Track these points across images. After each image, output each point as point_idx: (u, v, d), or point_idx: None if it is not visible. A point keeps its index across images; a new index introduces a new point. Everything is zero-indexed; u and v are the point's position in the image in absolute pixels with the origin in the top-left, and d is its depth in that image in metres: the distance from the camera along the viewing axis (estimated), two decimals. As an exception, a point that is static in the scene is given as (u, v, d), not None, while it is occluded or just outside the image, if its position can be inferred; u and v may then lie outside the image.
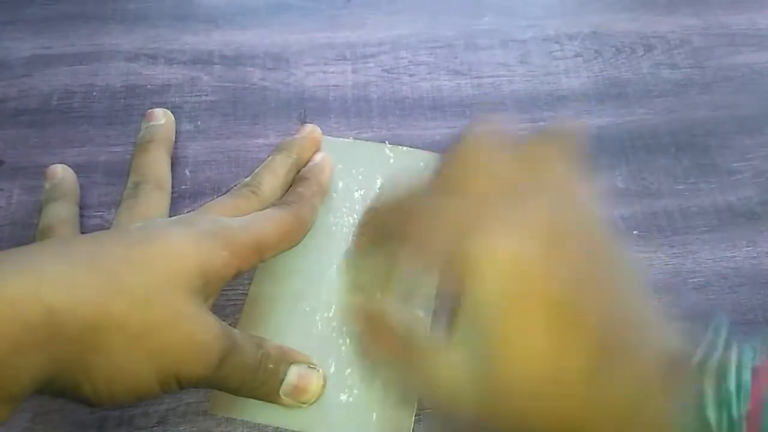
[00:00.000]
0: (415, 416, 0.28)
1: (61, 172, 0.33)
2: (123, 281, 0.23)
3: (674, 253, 0.34)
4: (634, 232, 0.34)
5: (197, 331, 0.25)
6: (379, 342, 0.25)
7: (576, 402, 0.21)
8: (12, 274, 0.22)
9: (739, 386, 0.19)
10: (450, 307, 0.25)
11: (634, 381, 0.21)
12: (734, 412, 0.18)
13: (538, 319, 0.21)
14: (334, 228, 0.33)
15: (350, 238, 0.29)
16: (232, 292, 0.31)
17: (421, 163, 0.36)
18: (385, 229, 0.25)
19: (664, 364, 0.21)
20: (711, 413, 0.18)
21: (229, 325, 0.27)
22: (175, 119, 0.36)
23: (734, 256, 0.34)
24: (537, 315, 0.21)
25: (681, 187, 0.36)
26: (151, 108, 0.36)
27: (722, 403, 0.18)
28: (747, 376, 0.19)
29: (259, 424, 0.28)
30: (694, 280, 0.33)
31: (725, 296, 0.32)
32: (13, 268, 0.22)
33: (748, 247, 0.34)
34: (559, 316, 0.21)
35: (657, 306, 0.23)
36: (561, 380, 0.21)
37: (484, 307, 0.21)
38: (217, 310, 0.27)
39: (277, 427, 0.28)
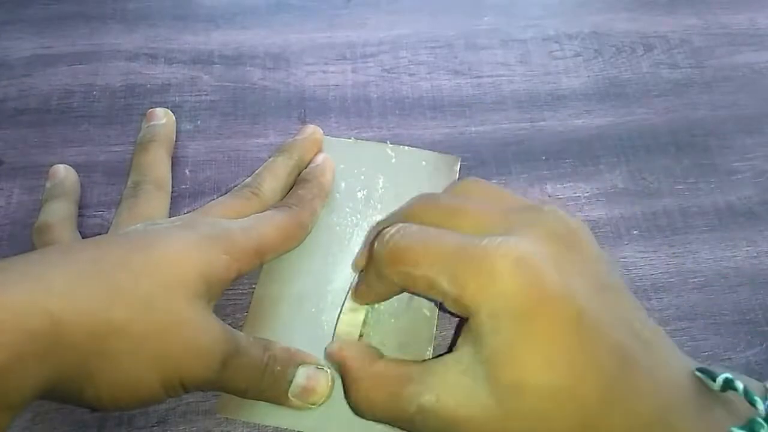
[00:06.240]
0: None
1: (63, 172, 0.33)
2: (125, 288, 0.23)
3: (674, 253, 0.34)
4: (634, 232, 0.34)
5: (200, 335, 0.25)
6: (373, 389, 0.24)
7: (593, 418, 0.20)
8: (16, 283, 0.22)
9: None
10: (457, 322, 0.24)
11: (653, 397, 0.20)
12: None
13: (558, 325, 0.20)
14: (337, 228, 0.33)
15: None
16: (232, 292, 0.31)
17: (423, 163, 0.36)
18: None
19: (684, 381, 0.21)
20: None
21: (231, 324, 0.27)
22: (175, 119, 0.36)
23: (734, 256, 0.34)
24: (556, 322, 0.20)
25: (681, 186, 0.36)
26: (151, 107, 0.36)
27: (752, 422, 0.19)
28: None
29: (259, 424, 0.28)
30: (694, 280, 0.33)
31: (725, 296, 0.32)
32: (17, 277, 0.22)
33: (748, 247, 0.34)
34: (579, 324, 0.21)
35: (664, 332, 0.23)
36: (578, 393, 0.20)
37: (500, 310, 0.21)
38: (218, 309, 0.27)
39: (277, 428, 0.28)
